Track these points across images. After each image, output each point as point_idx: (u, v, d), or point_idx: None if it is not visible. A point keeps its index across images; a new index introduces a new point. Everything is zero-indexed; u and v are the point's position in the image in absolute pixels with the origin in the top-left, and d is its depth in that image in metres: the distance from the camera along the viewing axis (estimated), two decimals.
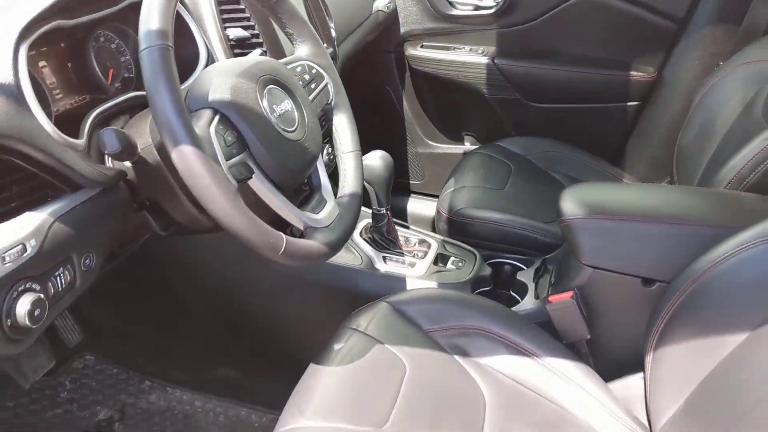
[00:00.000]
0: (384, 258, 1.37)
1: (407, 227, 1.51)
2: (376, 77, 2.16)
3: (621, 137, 1.90)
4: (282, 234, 0.84)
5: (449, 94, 2.11)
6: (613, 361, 1.18)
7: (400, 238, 1.42)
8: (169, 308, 1.48)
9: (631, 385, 1.12)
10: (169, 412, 1.43)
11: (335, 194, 1.07)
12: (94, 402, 1.44)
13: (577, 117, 1.95)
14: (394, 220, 1.42)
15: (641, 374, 1.09)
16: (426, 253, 1.41)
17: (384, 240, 1.39)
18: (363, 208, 1.31)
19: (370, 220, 1.42)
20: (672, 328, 1.00)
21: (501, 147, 1.84)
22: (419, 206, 2.18)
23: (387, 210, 1.36)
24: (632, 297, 1.14)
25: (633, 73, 1.85)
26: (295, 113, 0.95)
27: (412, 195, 2.26)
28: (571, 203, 1.18)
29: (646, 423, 1.06)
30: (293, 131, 0.93)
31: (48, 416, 1.38)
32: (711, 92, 1.54)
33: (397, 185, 2.17)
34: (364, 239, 1.39)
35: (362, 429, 0.91)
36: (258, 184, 0.86)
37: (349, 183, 1.07)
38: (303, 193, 1.07)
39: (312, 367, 1.01)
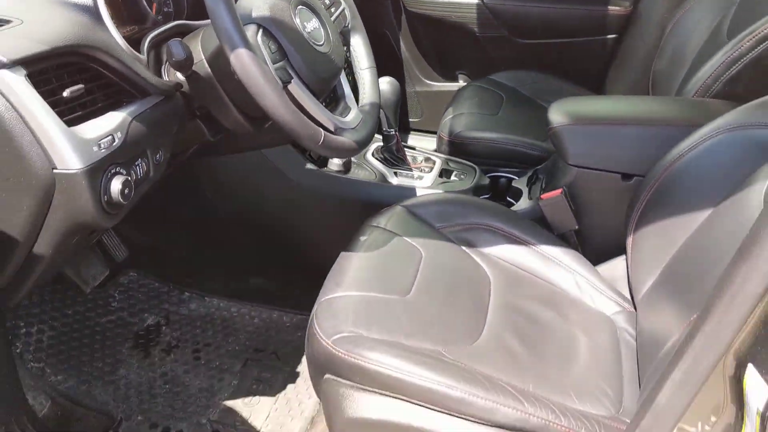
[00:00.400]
0: (395, 173, 1.51)
1: (413, 148, 1.65)
2: (375, 21, 2.21)
3: (601, 67, 2.00)
4: (320, 128, 1.00)
5: (443, 34, 2.20)
6: (598, 247, 1.33)
7: (408, 157, 1.57)
8: (203, 227, 1.61)
9: (615, 266, 1.27)
10: (208, 317, 1.59)
11: (357, 104, 1.21)
12: (142, 310, 1.61)
13: (561, 50, 2.06)
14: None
15: (623, 257, 1.23)
16: (432, 168, 1.55)
17: (394, 158, 1.54)
18: None
19: (380, 143, 1.57)
20: (648, 213, 1.14)
21: (493, 80, 1.97)
22: (419, 142, 2.27)
23: (395, 131, 1.51)
24: (613, 190, 1.28)
25: (611, 7, 1.95)
26: (322, 31, 1.10)
27: (412, 132, 2.38)
28: (557, 114, 1.33)
29: (629, 296, 1.21)
30: (321, 45, 1.08)
31: (103, 322, 1.54)
32: (681, 21, 1.66)
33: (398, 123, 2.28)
34: (376, 158, 1.54)
35: (390, 297, 1.06)
36: (296, 88, 1.01)
37: (368, 94, 1.21)
38: (329, 106, 1.22)
39: (343, 255, 1.15)
